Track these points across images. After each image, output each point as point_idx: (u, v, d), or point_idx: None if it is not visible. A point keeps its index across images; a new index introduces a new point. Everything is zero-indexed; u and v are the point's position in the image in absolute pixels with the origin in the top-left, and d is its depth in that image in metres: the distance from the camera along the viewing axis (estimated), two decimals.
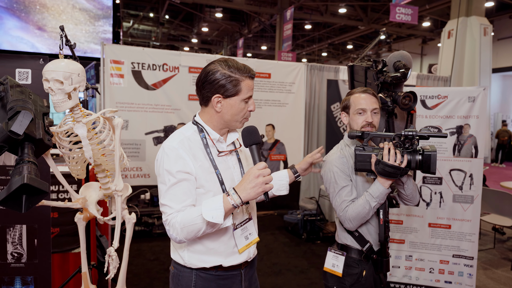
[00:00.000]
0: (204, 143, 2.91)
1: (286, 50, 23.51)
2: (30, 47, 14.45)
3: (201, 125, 2.97)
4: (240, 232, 2.98)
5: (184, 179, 2.76)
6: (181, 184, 2.75)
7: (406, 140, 3.24)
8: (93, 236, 6.29)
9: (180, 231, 2.66)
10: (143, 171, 9.61)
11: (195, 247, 2.93)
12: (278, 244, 9.13)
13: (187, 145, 2.84)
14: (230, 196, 2.57)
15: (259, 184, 2.54)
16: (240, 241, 2.98)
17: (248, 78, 2.82)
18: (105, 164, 4.21)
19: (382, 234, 3.56)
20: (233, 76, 2.78)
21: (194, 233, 2.65)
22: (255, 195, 2.57)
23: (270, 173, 2.59)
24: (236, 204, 2.56)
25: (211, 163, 2.88)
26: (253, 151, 2.69)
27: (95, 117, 3.91)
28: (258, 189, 2.54)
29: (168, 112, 9.76)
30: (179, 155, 2.78)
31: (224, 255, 2.95)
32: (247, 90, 2.82)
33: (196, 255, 2.94)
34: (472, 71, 15.29)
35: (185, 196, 2.75)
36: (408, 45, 36.44)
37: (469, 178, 6.51)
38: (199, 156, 2.85)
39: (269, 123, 11.14)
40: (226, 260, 2.96)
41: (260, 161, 2.63)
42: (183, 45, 41.52)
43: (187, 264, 2.96)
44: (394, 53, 4.54)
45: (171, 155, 2.79)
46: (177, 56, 9.91)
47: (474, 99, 6.42)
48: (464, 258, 6.52)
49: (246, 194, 2.56)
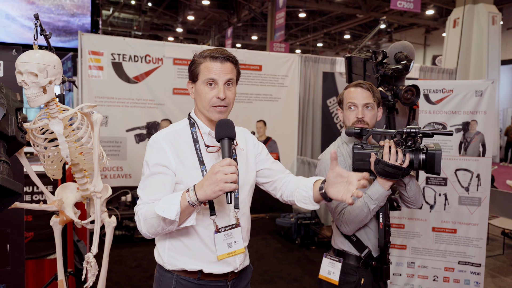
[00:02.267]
0: (194, 137, 2.96)
1: (279, 41, 23.49)
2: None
3: (193, 118, 3.04)
4: (223, 237, 2.95)
5: (160, 172, 2.82)
6: (155, 176, 2.82)
7: (408, 138, 3.23)
8: (70, 241, 6.28)
9: (143, 223, 2.71)
10: (124, 171, 9.62)
11: (175, 245, 2.96)
12: (269, 250, 9.15)
13: (173, 139, 2.92)
14: (188, 192, 2.54)
15: (217, 182, 2.43)
16: (220, 247, 2.94)
17: (209, 60, 2.87)
18: (83, 164, 4.19)
19: (382, 239, 3.58)
20: (195, 59, 2.92)
21: (155, 228, 2.67)
22: (212, 194, 2.47)
23: (235, 172, 2.47)
24: (191, 201, 2.51)
25: (198, 158, 2.91)
26: (224, 145, 2.66)
27: (72, 113, 3.89)
28: (215, 187, 2.44)
29: (151, 107, 9.78)
30: (161, 148, 2.87)
31: (205, 259, 2.95)
32: (207, 72, 2.85)
33: (176, 255, 2.96)
34: (479, 63, 15.34)
35: (156, 189, 2.79)
36: (411, 35, 36.52)
37: (476, 178, 6.52)
38: (184, 150, 2.91)
39: (260, 119, 11.17)
40: (207, 265, 2.95)
41: (230, 157, 2.59)
42: (167, 35, 41.51)
43: (166, 265, 2.99)
44: (395, 43, 4.56)
45: (153, 147, 2.89)
46: (161, 47, 9.93)
47: (481, 93, 6.43)
48: (471, 265, 6.53)
49: (202, 191, 2.49)
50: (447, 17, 16.56)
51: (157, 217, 2.59)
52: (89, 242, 7.38)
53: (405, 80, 4.52)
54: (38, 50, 3.55)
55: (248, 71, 10.80)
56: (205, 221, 2.92)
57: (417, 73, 13.15)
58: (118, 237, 9.13)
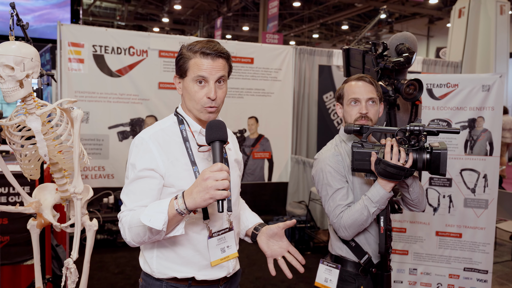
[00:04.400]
0: (184, 136, 2.93)
1: (272, 31, 23.47)
2: None
3: (181, 115, 3.00)
4: (216, 242, 2.93)
5: (147, 176, 2.78)
6: (141, 181, 2.79)
7: (412, 136, 3.20)
8: (48, 246, 6.27)
9: (127, 231, 2.69)
10: (106, 171, 9.61)
11: (165, 253, 2.93)
12: (262, 256, 9.01)
13: (161, 139, 2.87)
14: (177, 200, 2.51)
15: (207, 189, 2.40)
16: (214, 253, 2.92)
17: (199, 56, 2.80)
18: (62, 163, 4.19)
19: (382, 245, 3.55)
20: (183, 53, 2.86)
21: (141, 237, 2.65)
22: (202, 202, 2.44)
23: (227, 178, 2.45)
24: (180, 209, 2.48)
25: (189, 158, 2.88)
26: (215, 149, 2.60)
27: (51, 109, 3.89)
28: (205, 194, 2.41)
29: (135, 103, 9.79)
30: (148, 149, 2.82)
31: (197, 266, 2.94)
32: (197, 69, 2.80)
33: (166, 263, 2.93)
34: (486, 56, 15.31)
35: (143, 195, 2.76)
36: (413, 26, 36.54)
37: (483, 179, 6.54)
38: (173, 151, 2.87)
39: (252, 116, 11.18)
40: (199, 272, 2.94)
41: (221, 162, 2.55)
42: (152, 25, 41.40)
43: (155, 274, 2.96)
44: (396, 34, 4.57)
45: (139, 148, 2.84)
46: (146, 38, 9.91)
47: (489, 88, 6.44)
48: (477, 271, 6.55)
49: (192, 199, 2.46)
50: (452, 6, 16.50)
51: (143, 225, 2.56)
52: (68, 247, 7.38)
53: (407, 74, 4.53)
54: (15, 42, 3.54)
55: (239, 64, 10.81)
56: (197, 226, 2.90)
57: (419, 67, 13.17)
58: (99, 241, 9.11)
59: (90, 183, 9.23)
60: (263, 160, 11.32)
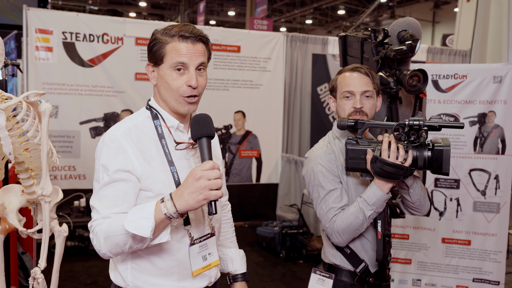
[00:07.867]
0: (159, 132, 2.89)
1: (260, 17, 23.42)
2: None
3: (155, 109, 2.95)
4: (198, 249, 2.91)
5: (122, 179, 2.73)
6: (116, 185, 2.73)
7: (411, 132, 3.19)
8: (13, 254, 6.27)
9: (103, 242, 2.61)
10: (77, 171, 9.62)
11: (140, 265, 2.90)
12: (249, 264, 9.00)
13: (135, 136, 2.82)
14: (164, 203, 2.47)
15: (200, 189, 2.40)
16: (195, 261, 2.90)
17: (178, 39, 2.76)
18: (28, 162, 4.20)
19: (380, 251, 3.55)
20: (158, 38, 2.81)
21: (120, 247, 2.59)
22: (195, 204, 2.44)
23: (219, 176, 2.46)
24: (169, 214, 2.45)
25: (166, 158, 2.85)
26: (203, 145, 2.61)
27: (16, 102, 3.89)
28: (198, 195, 2.41)
29: (109, 96, 9.79)
30: (121, 148, 2.76)
31: (177, 277, 2.93)
32: (176, 55, 2.75)
33: (143, 275, 2.90)
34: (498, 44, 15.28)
35: (118, 201, 2.71)
36: (416, 10, 36.56)
37: (494, 180, 6.55)
38: (149, 150, 2.83)
39: (239, 110, 11.20)
40: (179, 284, 2.93)
41: (211, 159, 2.55)
42: (128, 10, 41.23)
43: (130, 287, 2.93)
44: (398, 20, 4.60)
45: (111, 148, 2.77)
46: (121, 24, 9.94)
47: (501, 80, 6.45)
48: (488, 283, 6.55)
49: (183, 202, 2.44)
50: None
51: (125, 234, 2.51)
52: (36, 255, 7.37)
53: (410, 64, 4.56)
54: None
55: (224, 52, 10.71)
56: (178, 234, 2.87)
57: (424, 56, 13.21)
58: (70, 248, 9.09)
59: (60, 184, 9.21)
60: (251, 159, 11.34)
